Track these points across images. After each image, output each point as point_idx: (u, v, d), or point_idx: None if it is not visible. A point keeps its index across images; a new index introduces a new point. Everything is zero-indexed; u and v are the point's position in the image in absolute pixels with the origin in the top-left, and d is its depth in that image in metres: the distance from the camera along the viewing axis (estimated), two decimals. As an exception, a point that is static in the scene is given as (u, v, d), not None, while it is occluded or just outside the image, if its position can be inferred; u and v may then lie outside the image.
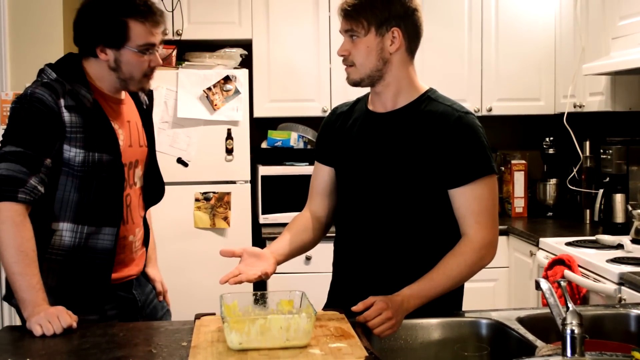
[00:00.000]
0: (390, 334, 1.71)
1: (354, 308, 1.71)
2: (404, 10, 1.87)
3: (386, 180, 1.90)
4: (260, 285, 3.77)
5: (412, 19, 1.89)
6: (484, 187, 1.86)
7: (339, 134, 2.03)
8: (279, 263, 1.91)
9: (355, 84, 1.93)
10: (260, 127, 4.08)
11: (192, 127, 3.62)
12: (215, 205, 3.64)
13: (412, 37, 1.90)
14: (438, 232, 1.91)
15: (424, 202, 1.89)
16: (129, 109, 2.26)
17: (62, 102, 2.04)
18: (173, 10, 3.85)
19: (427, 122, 1.89)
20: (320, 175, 2.08)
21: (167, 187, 3.83)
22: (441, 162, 1.86)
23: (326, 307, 1.95)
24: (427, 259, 1.87)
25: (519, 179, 4.24)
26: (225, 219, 3.66)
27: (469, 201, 1.86)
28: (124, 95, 2.23)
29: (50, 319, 1.81)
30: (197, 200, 3.64)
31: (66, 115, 2.05)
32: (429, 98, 1.95)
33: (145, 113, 2.33)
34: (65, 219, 2.07)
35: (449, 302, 1.93)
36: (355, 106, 2.06)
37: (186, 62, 3.78)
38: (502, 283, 3.82)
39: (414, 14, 1.89)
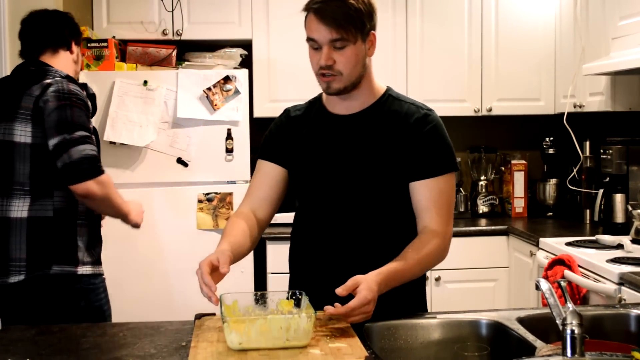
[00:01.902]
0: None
1: (339, 291, 1.65)
2: (375, 12, 1.88)
3: (358, 181, 1.89)
4: (260, 285, 3.78)
5: (376, 21, 1.89)
6: (447, 182, 1.90)
7: (294, 137, 1.98)
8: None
9: (338, 92, 1.88)
10: (260, 127, 4.07)
11: (192, 127, 3.62)
12: (217, 206, 3.64)
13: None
14: (403, 229, 1.92)
15: (394, 199, 1.91)
16: None
17: (84, 92, 2.54)
18: (173, 10, 3.85)
19: (393, 121, 1.91)
20: (269, 175, 2.00)
21: (167, 188, 3.84)
22: (408, 157, 1.87)
23: None
24: (392, 256, 1.87)
25: (519, 179, 4.24)
26: (227, 219, 3.66)
27: (433, 194, 1.88)
28: None
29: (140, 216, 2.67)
30: (199, 201, 3.64)
31: (89, 103, 2.56)
32: (391, 97, 1.96)
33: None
34: None
35: (413, 303, 1.95)
36: (310, 109, 2.02)
37: (186, 62, 3.78)
38: (502, 283, 3.82)
39: (376, 15, 1.89)
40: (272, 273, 3.65)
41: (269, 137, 2.05)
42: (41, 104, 2.44)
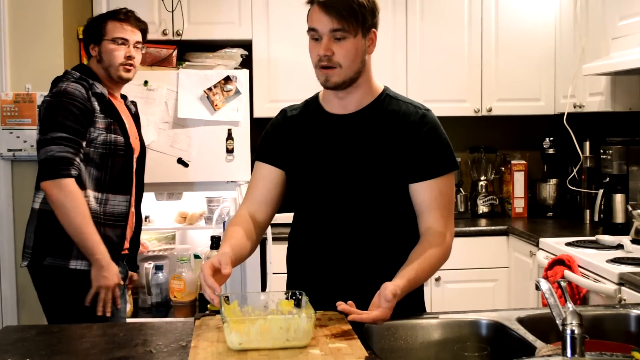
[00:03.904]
0: None
1: (355, 318, 1.63)
2: (378, 12, 1.89)
3: (356, 181, 1.89)
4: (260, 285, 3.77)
5: (378, 20, 1.90)
6: (447, 182, 1.90)
7: (291, 138, 1.98)
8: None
9: (336, 87, 1.88)
10: (260, 127, 4.06)
11: (192, 128, 3.62)
12: None
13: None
14: (401, 229, 1.92)
15: (392, 200, 1.90)
16: (124, 108, 2.83)
17: (90, 92, 2.59)
18: (173, 10, 3.85)
19: (391, 121, 1.90)
20: (266, 178, 1.99)
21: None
22: (408, 158, 1.87)
23: None
24: (390, 257, 1.88)
25: (519, 179, 4.24)
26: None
27: (435, 194, 1.88)
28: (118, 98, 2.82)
29: (112, 293, 2.52)
30: None
31: (95, 102, 2.60)
32: (389, 97, 1.96)
33: (135, 117, 2.88)
34: (90, 187, 2.57)
35: (412, 303, 1.94)
36: (306, 109, 2.02)
37: (187, 63, 3.78)
38: (502, 283, 3.82)
39: (379, 15, 1.91)
40: (273, 273, 3.65)
41: (266, 139, 2.04)
42: (40, 106, 2.63)
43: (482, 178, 4.33)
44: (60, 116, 2.52)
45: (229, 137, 3.64)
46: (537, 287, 1.52)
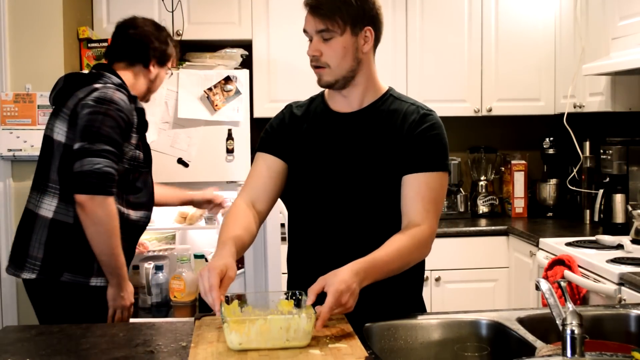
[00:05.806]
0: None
1: (309, 302, 1.62)
2: (374, 9, 1.89)
3: (356, 179, 1.89)
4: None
5: (379, 18, 1.91)
6: (436, 180, 1.87)
7: (295, 133, 1.98)
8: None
9: (328, 86, 1.91)
10: (260, 127, 4.05)
11: (192, 128, 3.61)
12: None
13: (378, 36, 1.93)
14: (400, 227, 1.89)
15: (391, 197, 1.89)
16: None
17: (132, 105, 2.48)
18: (173, 10, 3.86)
19: (392, 120, 1.91)
20: (270, 168, 1.97)
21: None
22: (403, 151, 1.87)
23: None
24: None
25: (519, 179, 4.24)
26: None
27: (422, 188, 1.85)
28: None
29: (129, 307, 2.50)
30: None
31: (135, 117, 2.48)
32: (392, 96, 1.97)
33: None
34: (116, 202, 2.42)
35: (412, 303, 1.95)
36: (310, 106, 2.03)
37: (187, 63, 3.78)
38: (502, 283, 3.82)
39: (380, 13, 1.91)
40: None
41: (270, 131, 2.04)
42: (79, 107, 2.42)
43: (482, 178, 4.34)
44: (108, 127, 2.37)
45: (229, 137, 3.64)
46: (537, 287, 1.52)
